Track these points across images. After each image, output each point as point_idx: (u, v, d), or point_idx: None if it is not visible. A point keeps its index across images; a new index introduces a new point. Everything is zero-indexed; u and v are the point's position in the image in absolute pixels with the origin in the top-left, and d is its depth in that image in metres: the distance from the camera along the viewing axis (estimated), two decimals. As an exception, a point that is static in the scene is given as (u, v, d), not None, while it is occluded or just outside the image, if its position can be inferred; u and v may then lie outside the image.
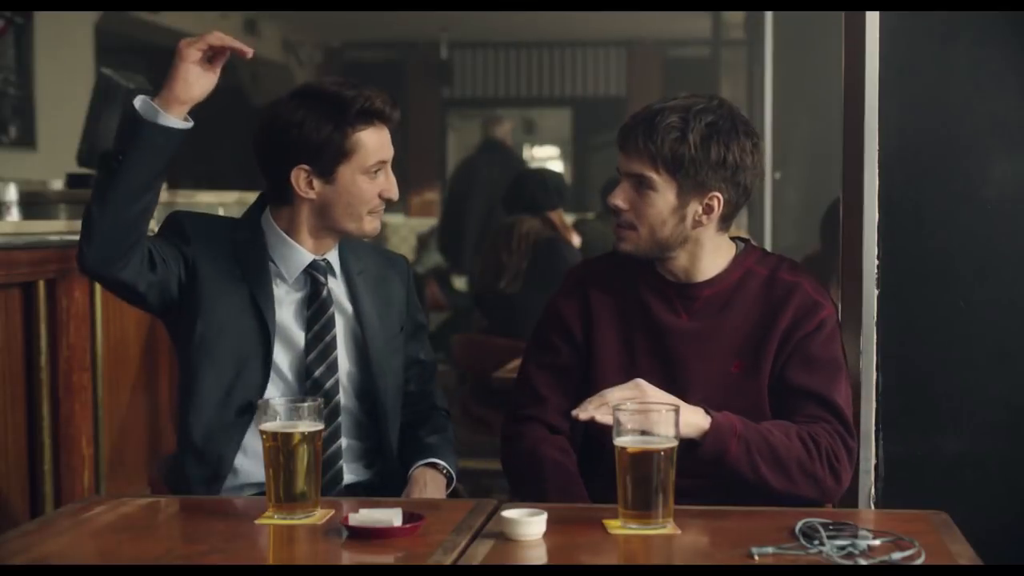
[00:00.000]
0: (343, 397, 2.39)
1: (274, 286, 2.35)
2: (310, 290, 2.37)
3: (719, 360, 2.26)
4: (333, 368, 2.36)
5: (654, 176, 2.22)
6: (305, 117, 2.29)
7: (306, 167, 2.30)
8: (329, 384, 2.35)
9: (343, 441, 2.39)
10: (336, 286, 2.41)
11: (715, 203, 2.24)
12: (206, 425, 2.29)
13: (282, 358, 2.34)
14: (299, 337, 2.35)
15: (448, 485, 2.40)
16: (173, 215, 2.36)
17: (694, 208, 2.24)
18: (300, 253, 2.36)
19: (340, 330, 2.39)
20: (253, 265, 2.34)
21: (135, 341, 3.69)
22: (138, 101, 2.11)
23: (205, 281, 2.29)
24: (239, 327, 2.30)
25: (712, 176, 2.22)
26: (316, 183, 2.31)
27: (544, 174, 5.27)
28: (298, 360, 2.35)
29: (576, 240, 5.43)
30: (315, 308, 2.37)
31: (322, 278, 2.38)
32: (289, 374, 2.34)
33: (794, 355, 2.24)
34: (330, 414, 2.35)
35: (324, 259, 2.39)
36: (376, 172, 2.33)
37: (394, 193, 2.35)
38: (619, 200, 2.26)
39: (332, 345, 2.37)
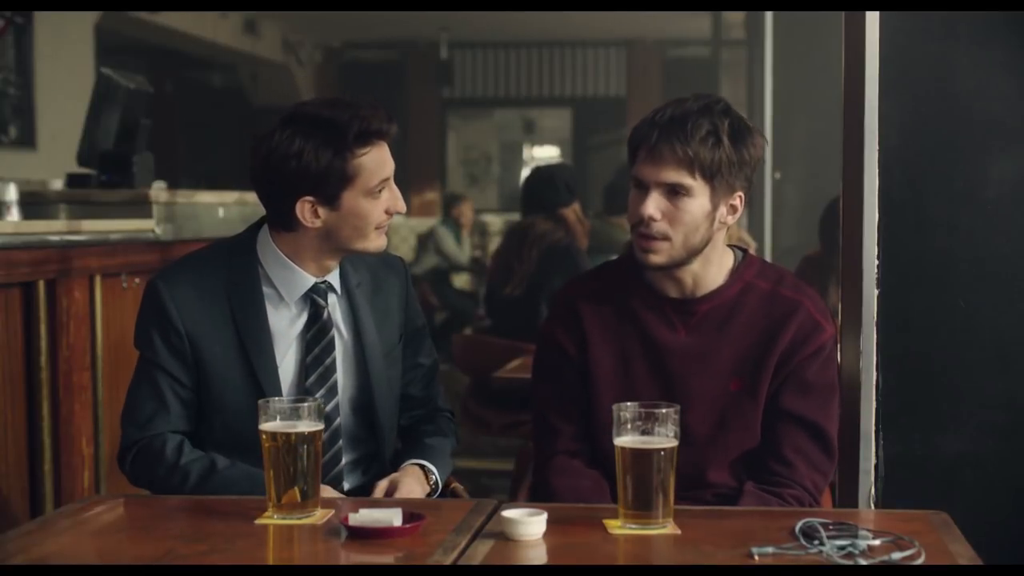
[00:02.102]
0: (342, 416, 2.37)
1: (273, 309, 2.32)
2: (310, 312, 2.34)
3: (718, 378, 2.24)
4: (333, 391, 2.34)
5: (691, 182, 2.18)
6: (303, 147, 2.22)
7: (310, 198, 2.25)
8: (330, 407, 2.32)
9: (343, 458, 2.38)
10: (336, 304, 2.38)
11: (739, 202, 2.24)
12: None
13: (283, 384, 2.31)
14: (299, 360, 2.33)
15: (432, 493, 2.37)
16: (154, 293, 2.30)
17: (722, 210, 2.22)
18: (301, 277, 2.32)
19: (339, 349, 2.37)
20: (250, 325, 2.29)
21: (135, 341, 3.68)
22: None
23: (208, 366, 2.29)
24: (247, 405, 2.22)
25: (739, 176, 2.21)
26: (321, 211, 2.26)
27: (552, 171, 5.10)
28: (297, 384, 2.32)
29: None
30: (315, 331, 2.33)
31: (322, 301, 2.34)
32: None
33: (790, 379, 2.23)
34: (331, 437, 2.33)
35: (325, 281, 2.35)
36: (380, 191, 2.28)
37: (401, 207, 2.30)
38: (652, 211, 2.19)
39: (332, 368, 2.34)
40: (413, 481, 2.32)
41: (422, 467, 2.38)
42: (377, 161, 2.26)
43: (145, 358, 2.33)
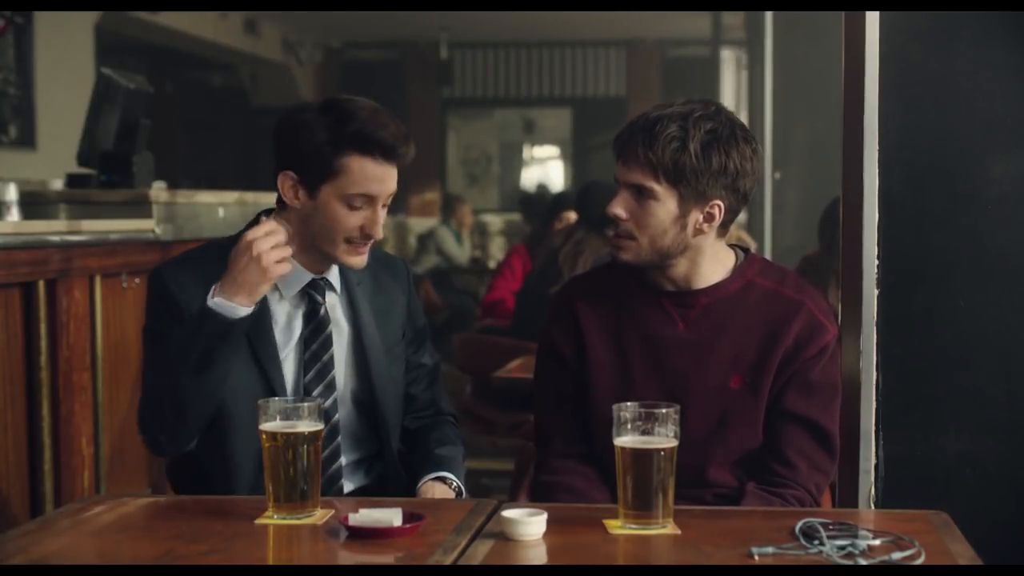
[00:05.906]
0: (342, 414, 2.36)
1: (272, 303, 2.30)
2: (307, 308, 2.33)
3: (717, 373, 2.24)
4: (331, 387, 2.33)
5: (655, 186, 2.19)
6: (307, 124, 2.23)
7: (292, 175, 2.25)
8: (328, 404, 2.31)
9: (343, 458, 2.37)
10: (335, 301, 2.37)
11: (716, 211, 2.21)
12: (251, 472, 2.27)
13: (281, 380, 2.30)
14: (297, 356, 2.32)
15: (457, 498, 2.37)
16: (159, 280, 2.28)
17: (695, 217, 2.21)
18: (298, 271, 2.31)
19: (340, 345, 2.36)
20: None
21: (135, 341, 3.68)
22: (214, 303, 2.12)
23: None
24: (249, 391, 2.22)
25: (713, 184, 2.19)
26: (301, 194, 2.25)
27: (609, 189, 5.15)
28: (295, 380, 2.31)
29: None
30: (312, 327, 2.33)
31: (320, 298, 2.34)
32: (288, 395, 2.28)
33: (793, 379, 2.23)
34: (329, 433, 2.32)
35: (323, 277, 2.34)
36: (358, 205, 2.24)
37: (374, 231, 2.25)
38: (619, 209, 2.22)
39: (330, 365, 2.34)
40: (438, 496, 2.32)
41: (442, 479, 2.37)
42: (367, 172, 2.22)
43: (155, 344, 2.30)
